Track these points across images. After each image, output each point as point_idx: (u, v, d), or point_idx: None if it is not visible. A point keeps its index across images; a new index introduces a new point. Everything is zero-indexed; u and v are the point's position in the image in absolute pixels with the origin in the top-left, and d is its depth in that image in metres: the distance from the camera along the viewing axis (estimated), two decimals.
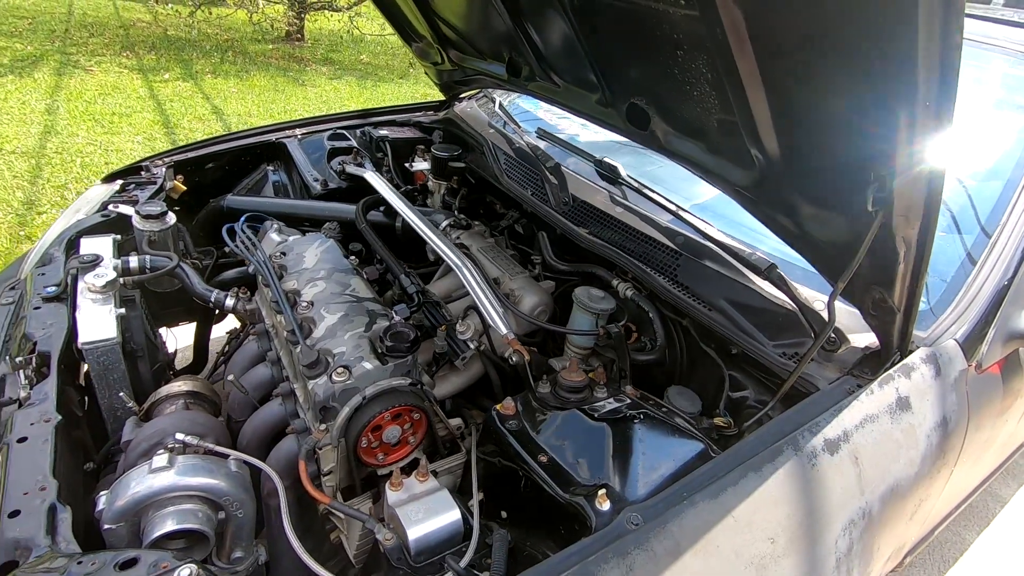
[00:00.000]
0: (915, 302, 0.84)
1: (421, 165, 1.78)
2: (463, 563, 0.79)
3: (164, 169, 1.59)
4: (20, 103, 4.09)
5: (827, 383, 0.89)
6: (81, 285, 1.14)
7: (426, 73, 2.01)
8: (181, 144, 1.77)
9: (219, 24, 7.43)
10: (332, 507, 0.90)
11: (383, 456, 0.99)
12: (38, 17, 6.64)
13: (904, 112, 0.64)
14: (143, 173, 1.58)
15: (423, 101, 2.12)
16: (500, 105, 1.80)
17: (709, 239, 1.10)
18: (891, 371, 0.90)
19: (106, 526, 0.82)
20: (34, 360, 0.98)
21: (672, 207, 1.20)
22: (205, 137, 1.80)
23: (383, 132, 1.89)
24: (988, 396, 1.07)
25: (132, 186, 1.52)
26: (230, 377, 1.16)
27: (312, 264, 1.28)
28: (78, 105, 4.24)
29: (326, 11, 7.39)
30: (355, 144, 1.83)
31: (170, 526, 0.83)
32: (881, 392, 0.87)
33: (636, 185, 1.29)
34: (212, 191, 1.65)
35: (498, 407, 0.99)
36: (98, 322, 1.08)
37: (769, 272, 0.98)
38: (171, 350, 1.46)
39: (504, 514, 0.93)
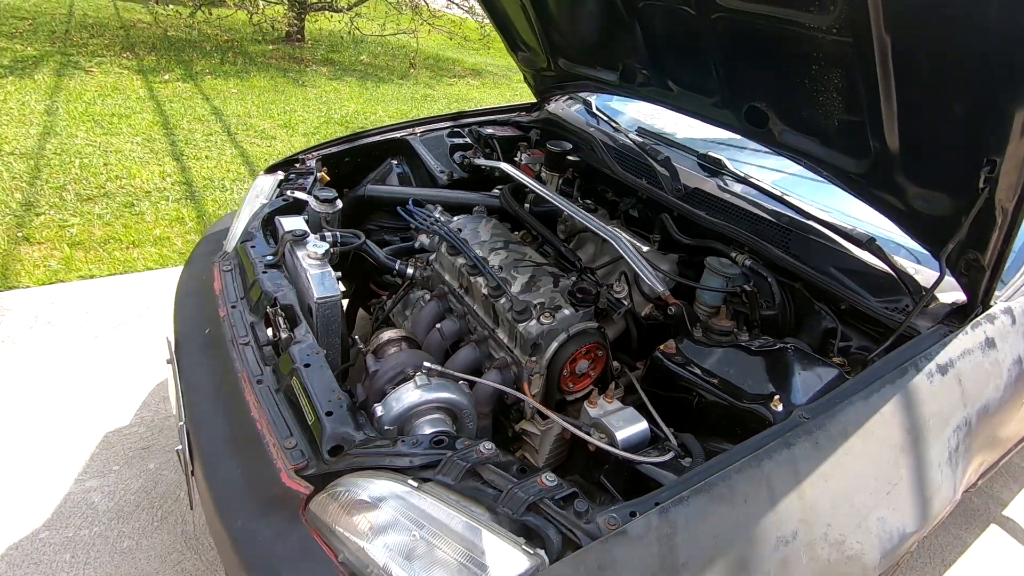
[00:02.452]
0: (1003, 262, 1.06)
1: (525, 159, 2.00)
2: (664, 459, 0.99)
3: (315, 161, 1.83)
4: (20, 104, 4.09)
5: (925, 330, 1.13)
6: (301, 254, 1.38)
7: (524, 77, 2.26)
8: (324, 140, 2.00)
9: (219, 25, 7.42)
10: (556, 418, 1.12)
11: (572, 385, 1.28)
12: (39, 18, 6.64)
13: (1018, 111, 0.88)
14: (297, 165, 1.81)
15: (515, 103, 2.36)
16: (596, 107, 2.04)
17: (812, 218, 1.37)
18: (978, 319, 1.14)
19: (385, 427, 1.08)
20: (279, 310, 1.23)
21: (777, 192, 1.46)
22: (328, 138, 2.00)
23: (489, 131, 2.11)
24: None
25: (293, 176, 1.75)
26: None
27: (488, 237, 1.55)
28: (78, 106, 4.24)
29: (327, 12, 7.39)
30: (471, 141, 2.09)
31: (427, 429, 1.10)
32: (973, 334, 1.12)
33: (742, 175, 1.55)
34: (345, 182, 1.89)
35: (662, 347, 1.26)
36: (326, 282, 1.32)
37: (869, 244, 1.24)
38: None
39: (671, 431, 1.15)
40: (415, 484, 0.89)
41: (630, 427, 1.08)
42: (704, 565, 0.77)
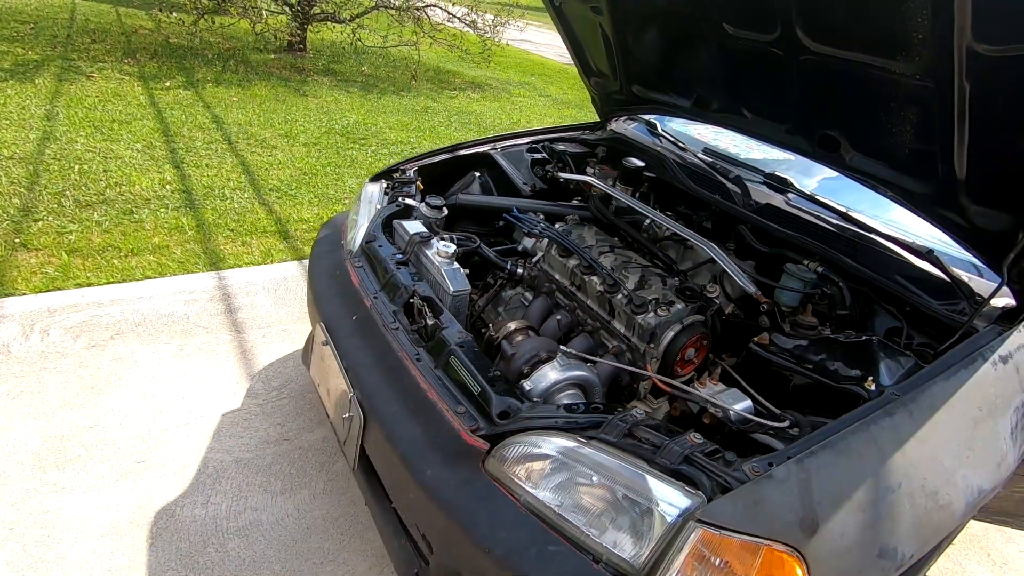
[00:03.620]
0: None
1: (595, 174, 2.19)
2: (782, 425, 1.16)
3: (413, 172, 2.02)
4: (20, 108, 4.07)
5: (982, 328, 1.29)
6: (429, 253, 1.59)
7: (592, 98, 2.47)
8: (421, 152, 2.21)
9: (221, 33, 7.44)
10: (686, 390, 1.31)
11: (679, 370, 1.49)
12: (40, 22, 6.63)
13: None
14: (397, 175, 2.00)
15: (579, 123, 2.57)
16: (661, 128, 2.22)
17: (874, 231, 1.55)
18: None
19: (534, 399, 1.24)
20: (419, 301, 1.41)
21: (841, 208, 1.64)
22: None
23: (561, 147, 2.30)
24: None
25: (395, 184, 1.94)
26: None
27: (594, 242, 1.79)
28: (78, 111, 4.22)
29: (329, 22, 7.42)
30: (547, 156, 2.28)
31: (565, 402, 1.28)
32: (1022, 332, 1.28)
33: (808, 193, 1.74)
34: (433, 190, 2.04)
35: (756, 340, 1.47)
36: (457, 278, 1.53)
37: (929, 255, 1.42)
38: None
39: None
40: (583, 440, 1.06)
41: (739, 403, 1.27)
42: (833, 504, 0.95)
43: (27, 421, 1.78)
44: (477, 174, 2.18)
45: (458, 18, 8.13)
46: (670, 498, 0.97)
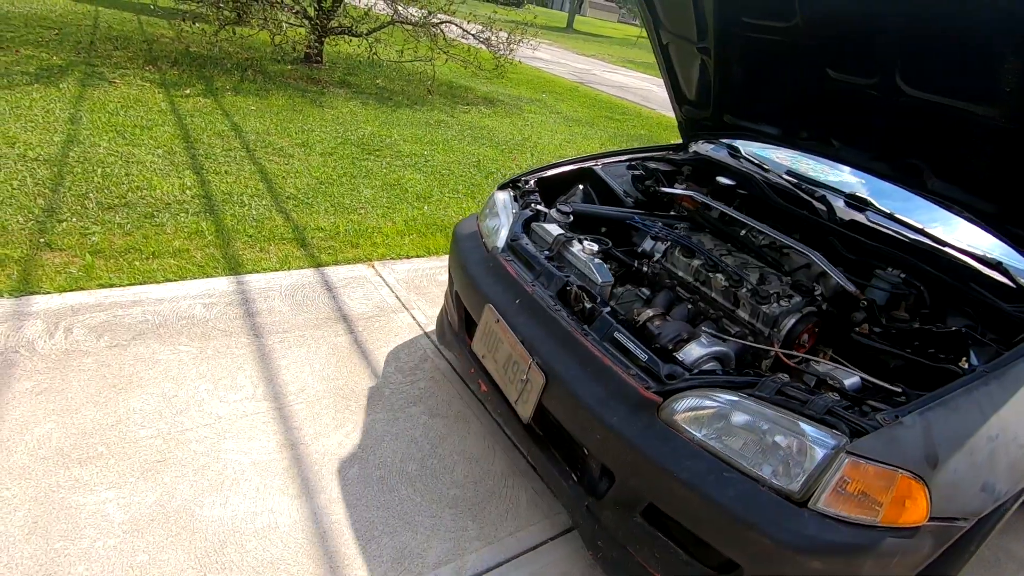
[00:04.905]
0: None
1: (678, 191, 2.47)
2: (896, 389, 1.48)
3: (533, 182, 2.32)
4: (44, 111, 4.16)
5: None
6: (575, 250, 1.93)
7: (679, 121, 2.80)
8: (537, 166, 2.50)
9: (241, 43, 7.58)
10: (807, 364, 1.64)
11: (795, 353, 1.74)
12: (65, 28, 6.77)
13: None
14: (520, 184, 2.29)
15: (663, 144, 2.89)
16: (744, 152, 2.51)
17: (948, 244, 1.84)
18: None
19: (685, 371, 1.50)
20: (577, 289, 1.69)
21: (917, 225, 1.93)
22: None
23: (653, 165, 2.61)
24: None
25: (522, 192, 2.24)
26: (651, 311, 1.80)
27: (712, 246, 2.14)
28: (101, 116, 4.30)
29: (346, 36, 7.55)
30: (644, 173, 2.58)
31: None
32: None
33: (887, 211, 2.01)
34: (544, 200, 2.31)
35: (858, 330, 1.81)
36: (602, 272, 1.86)
37: (998, 266, 1.73)
38: None
39: None
40: (743, 395, 1.34)
41: (851, 377, 1.52)
42: (948, 447, 1.24)
43: (51, 417, 1.81)
44: (581, 187, 2.47)
45: (472, 35, 8.26)
46: (820, 437, 1.24)
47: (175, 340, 2.24)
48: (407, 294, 2.92)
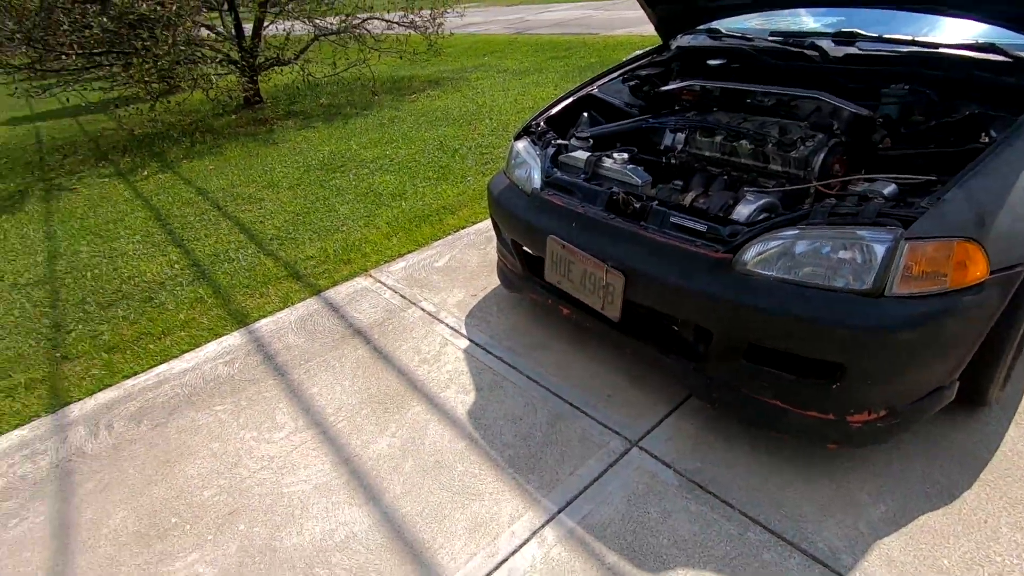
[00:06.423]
0: None
1: (676, 85, 2.58)
2: (932, 178, 1.65)
3: (543, 123, 2.50)
4: (20, 237, 4.23)
5: None
6: (608, 163, 2.14)
7: (656, 24, 2.85)
8: (537, 110, 2.66)
9: (179, 111, 7.56)
10: (847, 185, 1.79)
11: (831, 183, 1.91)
12: (11, 153, 6.83)
13: None
14: (532, 128, 2.47)
15: (647, 48, 2.92)
16: (725, 30, 2.68)
17: (940, 45, 2.00)
18: None
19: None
20: (623, 195, 1.90)
21: (906, 38, 2.08)
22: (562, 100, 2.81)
23: (644, 72, 2.75)
24: None
25: (539, 135, 2.41)
26: None
27: (728, 119, 2.29)
28: (73, 224, 4.36)
29: (275, 67, 7.47)
30: (638, 82, 2.72)
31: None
32: None
33: (875, 35, 2.18)
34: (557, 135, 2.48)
35: (881, 145, 1.95)
36: (641, 173, 2.08)
37: (990, 47, 1.90)
38: None
39: None
40: (800, 228, 1.52)
41: (888, 186, 1.63)
42: (993, 207, 1.43)
43: (120, 506, 1.89)
44: (585, 114, 2.60)
45: (397, 23, 8.10)
46: (877, 236, 1.41)
47: (209, 403, 2.31)
48: (410, 290, 2.95)
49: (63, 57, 6.01)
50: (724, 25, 2.74)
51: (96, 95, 8.48)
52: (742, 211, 1.74)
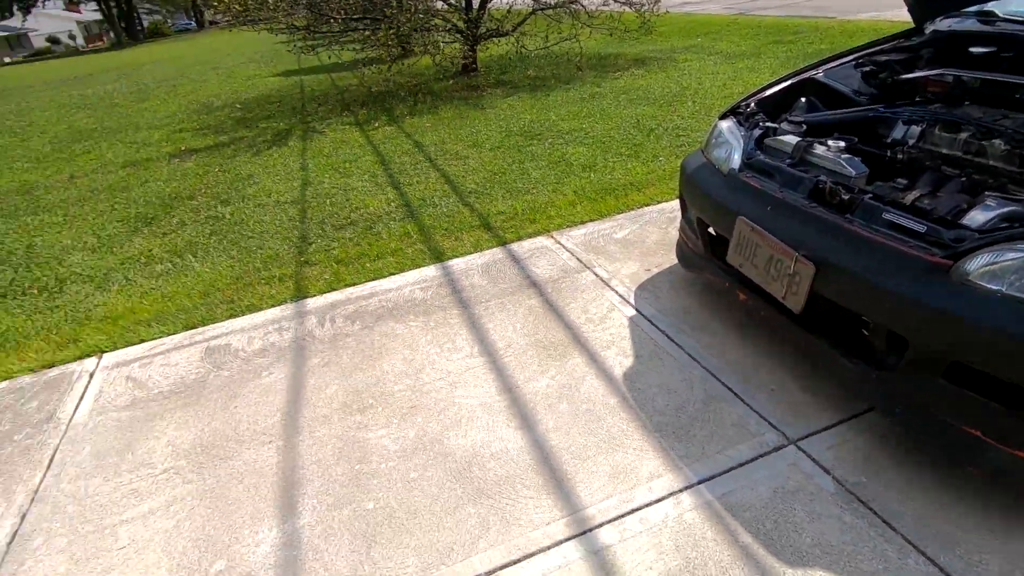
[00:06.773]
0: None
1: (924, 73, 2.34)
2: None
3: (753, 104, 2.43)
4: (283, 166, 5.26)
5: None
6: (820, 151, 2.00)
7: (907, 3, 2.55)
8: (749, 92, 2.60)
9: (409, 73, 8.56)
10: None
11: None
12: (284, 100, 8.39)
13: None
14: (741, 109, 2.42)
15: (893, 33, 2.63)
16: (1001, 13, 2.31)
17: None
18: None
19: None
20: (831, 184, 1.79)
21: None
22: (768, 83, 2.59)
23: (884, 58, 2.50)
24: None
25: (746, 116, 2.35)
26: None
27: (980, 114, 2.03)
28: (320, 160, 5.30)
29: (494, 38, 8.03)
30: (875, 68, 2.47)
31: None
32: None
33: None
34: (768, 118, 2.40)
35: None
36: (857, 164, 1.91)
37: None
38: None
39: None
40: None
41: None
42: None
43: (333, 382, 2.37)
44: (803, 99, 2.45)
45: None
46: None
47: (406, 318, 2.73)
48: (587, 255, 3.10)
49: (331, 22, 7.17)
50: (1001, 8, 2.35)
51: (349, 55, 9.95)
52: (977, 217, 1.56)
